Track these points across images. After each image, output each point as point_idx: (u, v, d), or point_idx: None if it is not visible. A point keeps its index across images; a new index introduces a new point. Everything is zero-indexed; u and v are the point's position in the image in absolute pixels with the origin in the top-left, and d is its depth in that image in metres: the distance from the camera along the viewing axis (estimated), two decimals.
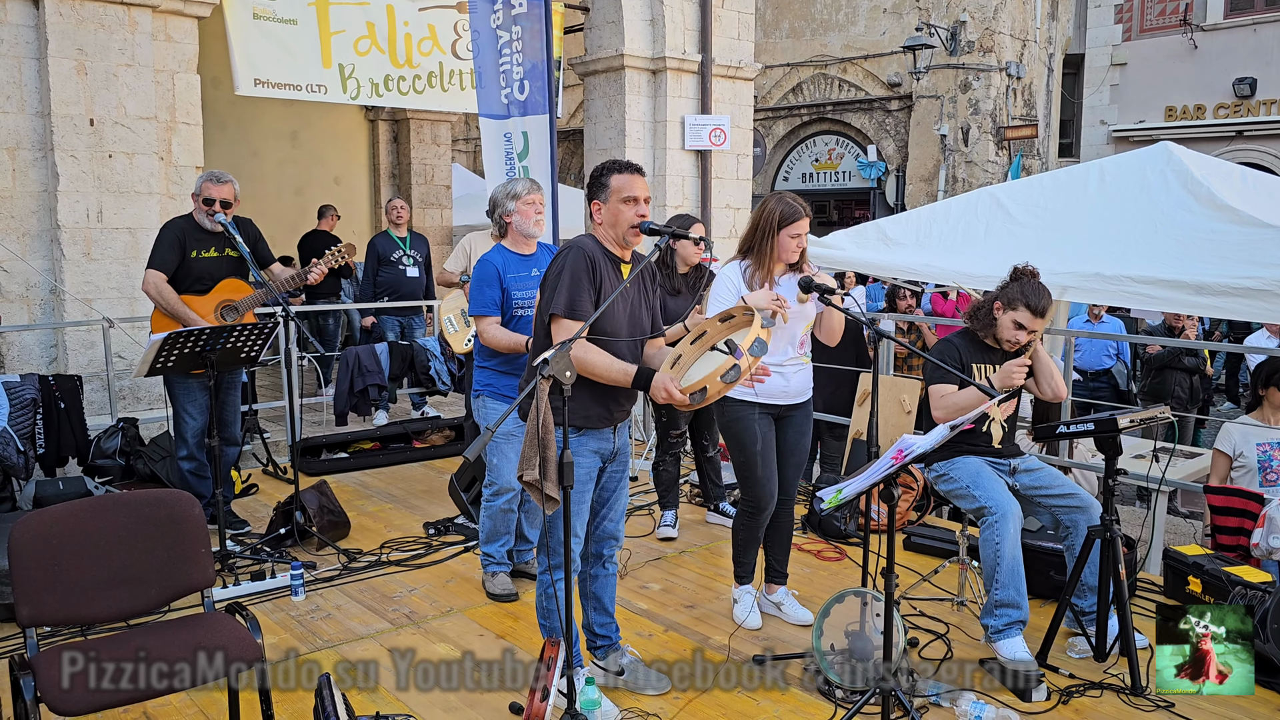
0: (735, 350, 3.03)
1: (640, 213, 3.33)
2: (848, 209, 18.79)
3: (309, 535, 5.17)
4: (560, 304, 3.26)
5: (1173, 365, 8.63)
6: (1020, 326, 3.94)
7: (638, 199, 3.32)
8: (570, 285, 3.26)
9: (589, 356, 3.24)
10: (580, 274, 3.27)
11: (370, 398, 7.51)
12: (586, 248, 3.34)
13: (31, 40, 6.29)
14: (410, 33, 8.67)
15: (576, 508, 3.39)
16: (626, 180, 3.33)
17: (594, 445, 3.41)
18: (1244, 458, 5.53)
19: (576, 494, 3.36)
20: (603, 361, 3.25)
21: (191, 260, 5.05)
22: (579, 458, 3.34)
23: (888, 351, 6.89)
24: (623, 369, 3.25)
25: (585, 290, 3.27)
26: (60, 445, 5.80)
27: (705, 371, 3.19)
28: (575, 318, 3.25)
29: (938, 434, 3.02)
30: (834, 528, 5.40)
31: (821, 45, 17.91)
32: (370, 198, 14.25)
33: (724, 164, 10.07)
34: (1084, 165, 6.72)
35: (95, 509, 3.02)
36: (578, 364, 3.18)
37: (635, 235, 3.37)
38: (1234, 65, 16.77)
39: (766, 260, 3.93)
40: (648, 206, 3.36)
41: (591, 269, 3.29)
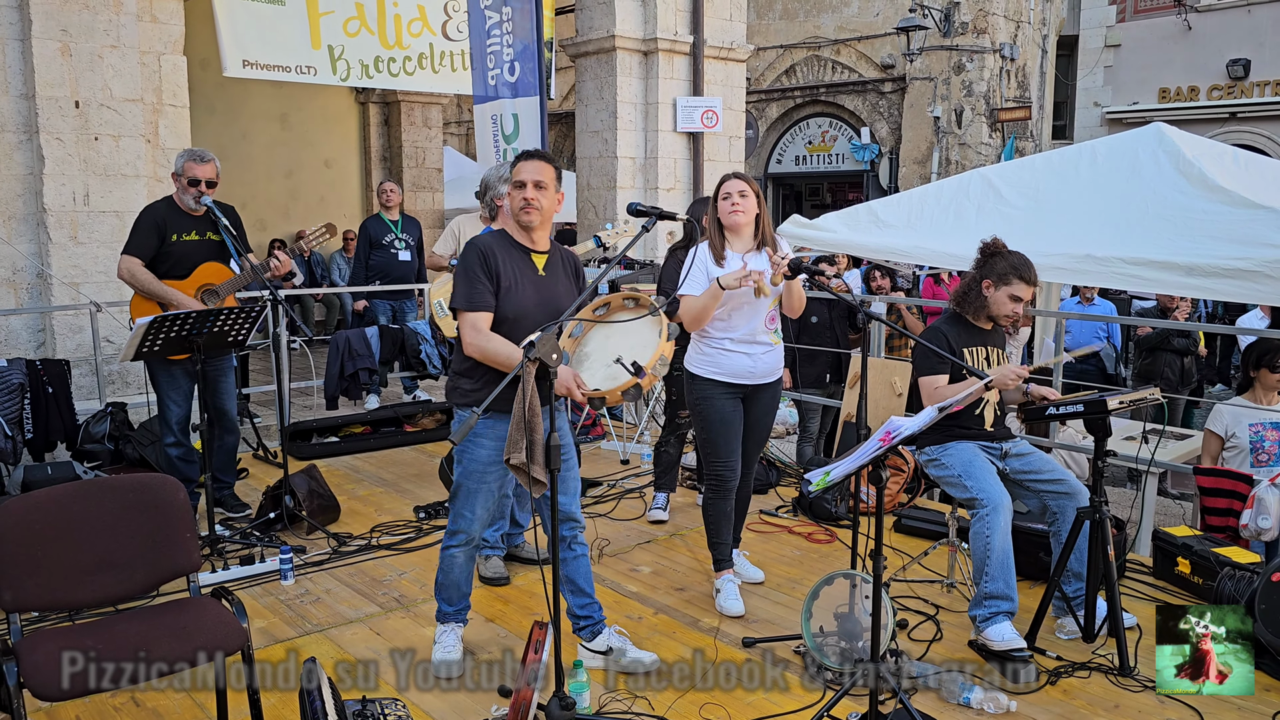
0: (640, 372, 3.17)
1: (526, 196, 3.43)
2: (841, 191, 18.75)
3: (299, 519, 5.15)
4: (459, 298, 3.42)
5: (1163, 347, 8.63)
6: (1016, 299, 3.95)
7: (524, 183, 3.42)
8: (465, 280, 3.41)
9: (490, 345, 3.38)
10: (473, 267, 3.41)
11: (361, 381, 7.48)
12: (480, 242, 3.47)
13: (15, 21, 6.23)
14: (400, 13, 8.60)
15: (479, 486, 3.53)
16: (518, 166, 3.46)
17: (501, 430, 3.46)
18: (1236, 439, 5.54)
19: (479, 473, 3.51)
20: (504, 349, 3.37)
21: (172, 244, 4.98)
22: (484, 439, 3.48)
23: (878, 333, 6.89)
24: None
25: (479, 282, 3.40)
26: (49, 430, 5.78)
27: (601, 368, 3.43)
28: (475, 309, 3.40)
29: (925, 416, 3.01)
30: (824, 510, 5.40)
31: (815, 27, 17.82)
32: (361, 181, 14.19)
33: (716, 146, 10.03)
34: (1076, 147, 6.69)
35: (79, 494, 3.00)
36: (479, 353, 3.39)
37: (527, 216, 3.45)
38: (1228, 46, 16.72)
39: (714, 232, 4.07)
40: (538, 191, 3.43)
41: (484, 261, 3.42)
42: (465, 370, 3.51)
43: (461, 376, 3.52)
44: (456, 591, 3.70)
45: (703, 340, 4.09)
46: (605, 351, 3.55)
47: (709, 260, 4.01)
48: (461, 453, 3.53)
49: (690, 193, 9.80)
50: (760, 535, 5.21)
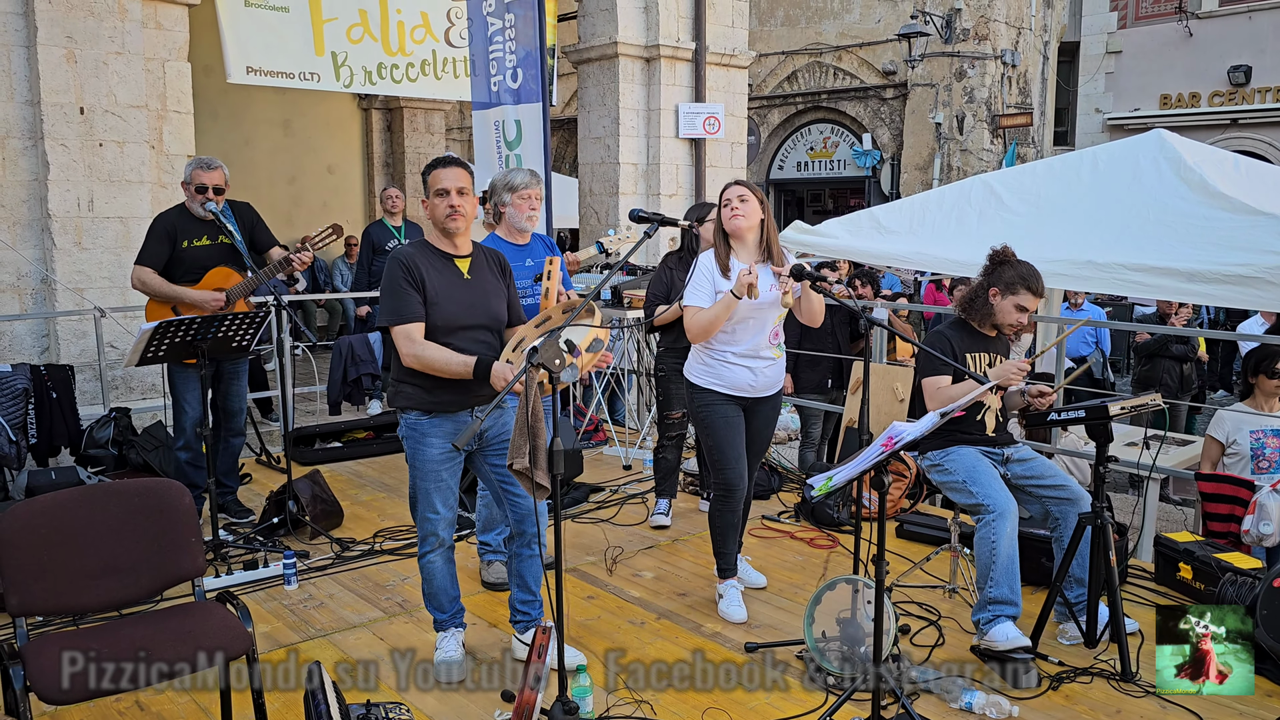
0: (574, 350, 3.16)
1: (452, 204, 3.45)
2: (843, 197, 18.79)
3: (302, 524, 5.17)
4: (385, 315, 3.42)
5: (1162, 353, 8.64)
6: (1022, 309, 3.96)
7: (448, 190, 3.45)
8: (390, 294, 3.42)
9: (426, 353, 3.39)
10: (396, 280, 3.41)
11: (364, 387, 7.51)
12: (401, 254, 3.48)
13: (20, 28, 6.26)
14: (403, 20, 8.65)
15: (434, 485, 3.55)
16: (437, 174, 3.48)
17: (449, 428, 3.50)
18: (1237, 445, 5.55)
19: (433, 472, 3.53)
20: (440, 356, 3.38)
21: (183, 250, 5.03)
22: (431, 439, 3.50)
23: (880, 339, 6.90)
24: (461, 361, 3.38)
25: (405, 293, 3.40)
26: (53, 435, 5.79)
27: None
28: (406, 320, 3.40)
29: (927, 421, 3.02)
30: (827, 515, 5.41)
31: (816, 33, 17.87)
32: (364, 186, 14.23)
33: (718, 152, 10.06)
34: (1077, 153, 6.71)
35: (85, 498, 3.02)
36: (418, 362, 3.39)
37: (452, 223, 3.48)
38: (1229, 53, 16.76)
39: (718, 241, 4.07)
40: (461, 198, 3.46)
41: (409, 273, 3.42)
42: (407, 375, 3.49)
43: (404, 383, 3.51)
44: (445, 596, 3.70)
45: (705, 351, 4.07)
46: None
47: (714, 271, 3.98)
48: (412, 454, 3.55)
49: (692, 199, 9.83)
50: (762, 540, 5.22)
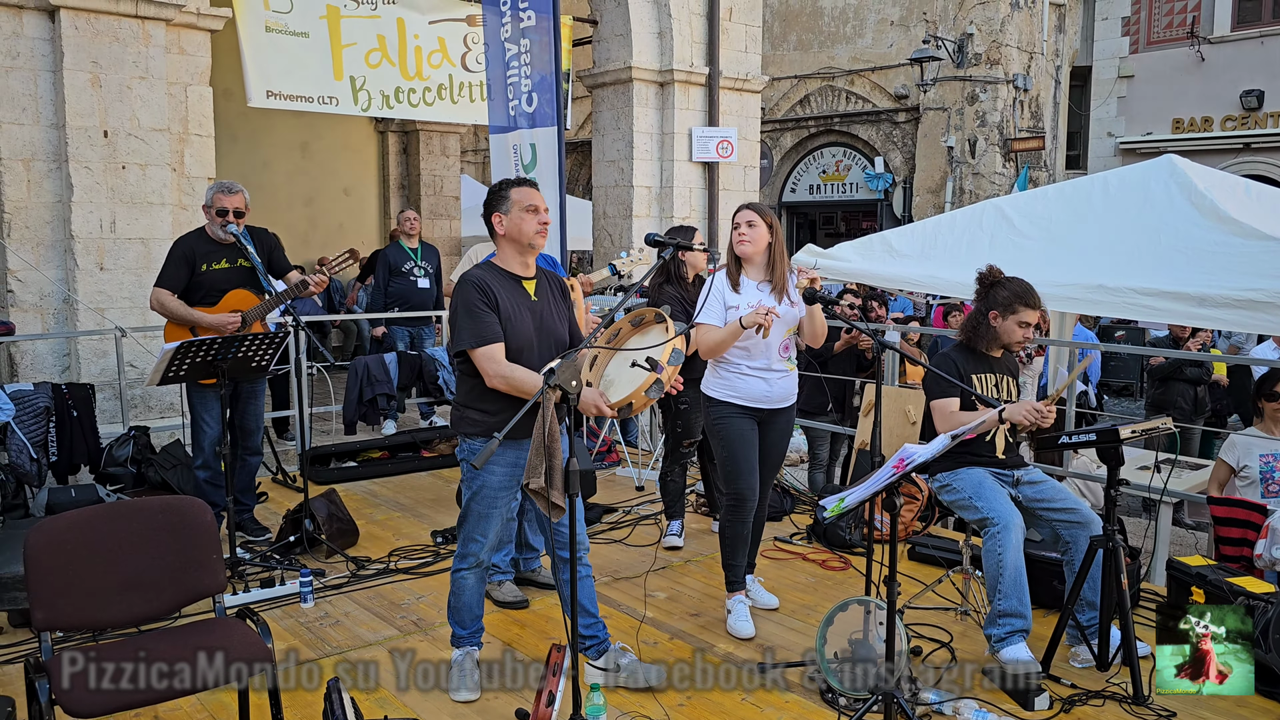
0: (657, 366, 3.20)
1: (543, 220, 3.55)
2: (855, 221, 18.84)
3: (318, 543, 5.21)
4: (466, 339, 3.44)
5: (1176, 376, 8.64)
6: (1025, 325, 4.01)
7: (538, 207, 3.54)
8: (469, 316, 3.44)
9: (515, 374, 3.43)
10: (472, 303, 3.44)
11: (379, 407, 7.57)
12: (473, 277, 3.51)
13: (47, 53, 6.38)
14: (420, 45, 8.76)
15: (490, 510, 3.59)
16: (525, 192, 3.56)
17: (511, 456, 3.55)
18: (1248, 469, 5.54)
19: (491, 498, 3.57)
20: (529, 378, 3.41)
21: (202, 273, 5.11)
22: (497, 465, 3.54)
23: (891, 362, 6.93)
24: None
25: (483, 314, 3.44)
26: (73, 453, 5.86)
27: (626, 382, 3.48)
28: (488, 342, 3.43)
29: (938, 443, 3.06)
30: (839, 537, 5.42)
31: (829, 57, 17.98)
32: (380, 209, 14.36)
33: (731, 176, 10.13)
34: (1088, 178, 6.75)
35: (108, 515, 3.07)
36: (504, 383, 3.42)
37: (540, 240, 3.56)
38: (1241, 77, 16.79)
39: (730, 261, 4.19)
40: (548, 217, 3.58)
41: (482, 292, 3.46)
42: (474, 400, 3.55)
43: (470, 408, 3.57)
44: (469, 614, 3.76)
45: (720, 365, 4.19)
46: (624, 370, 3.60)
47: (725, 288, 4.12)
48: (473, 478, 3.59)
49: (706, 221, 9.90)
50: (775, 562, 5.24)
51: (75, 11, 6.31)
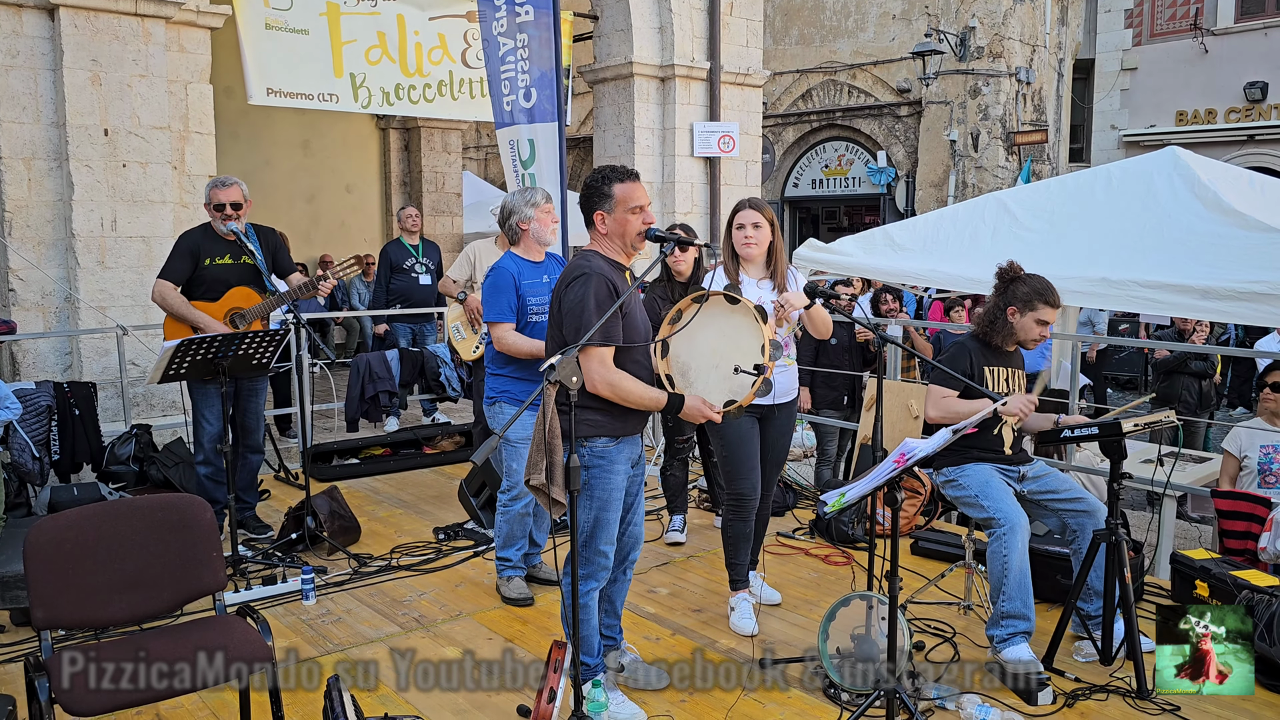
0: (763, 370, 3.24)
1: (646, 219, 3.39)
2: (858, 215, 18.81)
3: (320, 540, 5.21)
4: (596, 335, 3.18)
5: (1181, 370, 8.61)
6: (1043, 323, 4.00)
7: (643, 206, 3.38)
8: (601, 313, 3.19)
9: (624, 383, 3.27)
10: (605, 300, 3.22)
11: (381, 404, 7.56)
12: (603, 270, 3.29)
13: (47, 52, 6.37)
14: (420, 42, 8.74)
15: (611, 516, 3.38)
16: (630, 189, 3.36)
17: (629, 453, 3.43)
18: (1248, 460, 5.54)
19: (615, 501, 3.37)
20: (635, 388, 3.29)
21: (205, 268, 5.12)
22: (617, 466, 3.37)
23: (894, 356, 6.91)
24: (654, 396, 3.33)
25: (616, 315, 3.25)
26: (75, 451, 5.87)
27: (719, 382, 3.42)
28: (612, 343, 3.27)
29: (940, 438, 3.04)
30: (841, 532, 5.41)
31: (831, 52, 17.94)
32: (381, 205, 14.35)
33: (733, 171, 10.11)
34: (1091, 170, 6.73)
35: (108, 514, 3.06)
36: (610, 389, 3.24)
37: (641, 242, 3.42)
38: (1245, 69, 16.72)
39: (728, 258, 4.19)
40: (651, 215, 3.44)
41: (615, 291, 3.27)
42: (592, 402, 3.27)
43: (589, 409, 3.26)
44: (596, 638, 3.48)
45: None
46: (695, 354, 3.48)
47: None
48: (597, 485, 3.32)
49: (707, 216, 9.88)
50: (777, 557, 5.23)
51: (75, 9, 6.29)
